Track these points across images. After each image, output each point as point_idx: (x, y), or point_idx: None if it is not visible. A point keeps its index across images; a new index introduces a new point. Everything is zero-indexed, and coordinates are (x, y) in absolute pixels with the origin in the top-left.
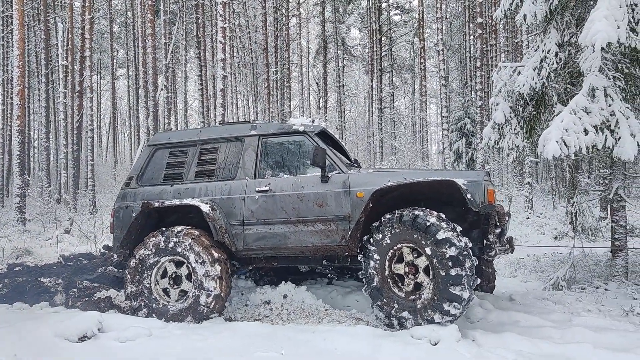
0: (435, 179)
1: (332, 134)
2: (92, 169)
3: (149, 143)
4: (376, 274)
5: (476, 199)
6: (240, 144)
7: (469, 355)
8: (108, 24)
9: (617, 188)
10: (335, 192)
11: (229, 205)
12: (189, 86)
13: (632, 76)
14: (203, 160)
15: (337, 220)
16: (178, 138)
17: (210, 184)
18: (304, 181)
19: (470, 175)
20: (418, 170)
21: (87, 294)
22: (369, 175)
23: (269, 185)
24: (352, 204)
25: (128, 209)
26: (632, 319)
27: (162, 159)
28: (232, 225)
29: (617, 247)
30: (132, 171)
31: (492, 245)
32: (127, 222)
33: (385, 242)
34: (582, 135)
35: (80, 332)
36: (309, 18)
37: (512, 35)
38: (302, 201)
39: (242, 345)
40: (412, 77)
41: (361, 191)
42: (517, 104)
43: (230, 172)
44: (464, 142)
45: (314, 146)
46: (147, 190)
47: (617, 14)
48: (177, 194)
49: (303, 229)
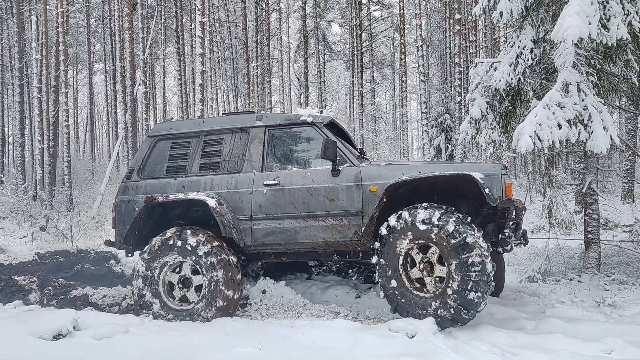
0: (452, 173)
1: (340, 124)
2: (68, 166)
3: (150, 134)
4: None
5: (494, 193)
6: (246, 136)
7: (445, 347)
8: (84, 17)
9: (590, 182)
10: (346, 186)
11: (236, 200)
12: (168, 81)
13: (605, 72)
14: (207, 152)
15: (349, 215)
16: (180, 129)
17: (215, 177)
18: (314, 175)
19: (487, 169)
20: (432, 164)
21: (62, 292)
22: (382, 169)
23: (277, 178)
24: (365, 198)
25: (130, 203)
26: (603, 309)
27: (164, 150)
28: (239, 220)
29: (590, 240)
30: (132, 163)
31: (507, 239)
32: (129, 217)
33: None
34: (556, 130)
35: (54, 330)
36: (290, 13)
37: (490, 31)
38: (312, 195)
39: (221, 341)
40: (393, 73)
41: (374, 185)
42: (493, 99)
43: (236, 165)
44: (444, 138)
45: (324, 139)
46: (149, 183)
47: (588, 10)
48: (182, 187)
49: (314, 224)
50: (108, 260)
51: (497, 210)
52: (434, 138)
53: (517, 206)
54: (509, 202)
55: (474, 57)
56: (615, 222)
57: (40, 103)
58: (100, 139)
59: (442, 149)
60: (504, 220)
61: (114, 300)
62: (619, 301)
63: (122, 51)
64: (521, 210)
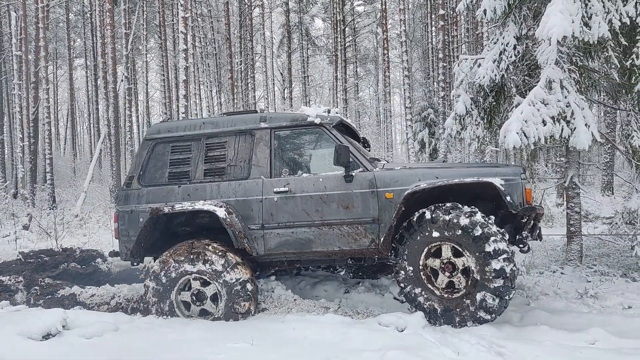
0: (473, 180)
1: (348, 122)
2: (50, 163)
3: (147, 137)
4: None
5: (515, 200)
6: (251, 138)
7: (434, 340)
8: (64, 12)
9: (573, 176)
10: (361, 193)
11: (246, 208)
12: (150, 77)
13: (586, 69)
14: (211, 156)
15: (365, 223)
16: (179, 131)
17: (222, 184)
18: (326, 181)
19: (507, 173)
20: (448, 167)
21: (49, 292)
22: (397, 174)
23: (288, 185)
24: (381, 205)
25: (133, 213)
26: (586, 300)
27: (164, 155)
28: (250, 230)
29: (572, 233)
30: (131, 170)
31: (524, 240)
32: (133, 227)
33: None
34: (541, 126)
35: (44, 330)
36: (273, 8)
37: (472, 26)
38: (326, 203)
39: (212, 337)
40: (376, 68)
41: (390, 192)
42: (477, 95)
43: (243, 171)
44: (427, 132)
45: (336, 145)
46: (151, 191)
47: (571, 8)
48: (187, 196)
49: (328, 232)
50: (94, 258)
51: (517, 215)
52: (418, 132)
53: (538, 212)
54: (531, 209)
55: (456, 53)
56: (595, 214)
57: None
58: (82, 136)
59: (425, 143)
60: (522, 222)
61: (103, 299)
62: (601, 292)
63: (104, 47)
64: (540, 215)
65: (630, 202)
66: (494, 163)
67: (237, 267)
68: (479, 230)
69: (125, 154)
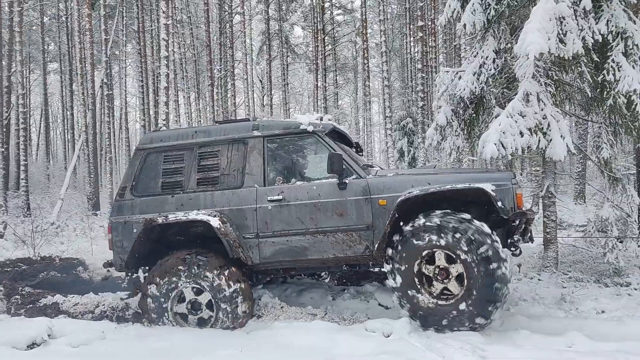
0: (464, 186)
1: (341, 128)
2: (25, 169)
3: (139, 147)
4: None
5: (506, 205)
6: (243, 147)
7: (419, 345)
8: (38, 15)
9: (549, 186)
10: (355, 200)
11: (241, 217)
12: (127, 82)
13: (561, 82)
14: (203, 166)
15: (359, 230)
16: (171, 140)
17: (216, 193)
18: (320, 188)
19: (497, 178)
20: (440, 173)
21: (31, 301)
22: (390, 181)
23: (282, 193)
24: (375, 212)
25: (127, 224)
26: (562, 306)
27: (157, 165)
28: (245, 239)
29: (549, 240)
30: (124, 180)
31: (516, 243)
32: (127, 238)
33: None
34: (518, 137)
35: (29, 339)
36: (252, 15)
37: (449, 37)
38: (320, 211)
39: (201, 344)
40: (355, 77)
41: (384, 199)
42: (458, 106)
43: (236, 179)
44: (406, 141)
45: (330, 153)
46: (144, 201)
47: (547, 26)
48: (180, 205)
49: (323, 239)
50: (75, 267)
51: (508, 220)
52: (397, 141)
53: (529, 217)
54: (522, 214)
55: (434, 63)
56: (568, 222)
57: None
58: (55, 142)
59: (404, 152)
60: (513, 225)
61: (87, 308)
62: (576, 298)
63: (82, 52)
64: (532, 220)
65: (602, 211)
66: (485, 168)
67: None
68: (473, 236)
69: (102, 160)
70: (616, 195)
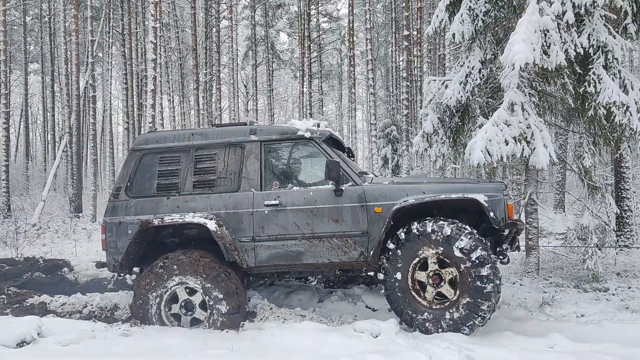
0: (458, 196)
1: (336, 135)
2: (6, 170)
3: (134, 148)
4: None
5: (497, 215)
6: (240, 151)
7: (407, 345)
8: (20, 15)
9: (531, 193)
10: (351, 207)
11: (237, 221)
12: (111, 85)
13: (545, 93)
14: (200, 168)
15: (354, 236)
16: (167, 142)
17: (212, 196)
18: (316, 194)
19: (489, 189)
20: (434, 182)
21: (17, 300)
22: (385, 189)
23: (279, 198)
24: (370, 219)
25: (121, 225)
26: (544, 309)
27: (152, 166)
28: (241, 242)
29: (530, 247)
30: (118, 181)
31: (505, 252)
32: (121, 239)
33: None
34: (503, 145)
35: (18, 338)
36: (239, 20)
37: (434, 47)
38: (316, 216)
39: (192, 344)
40: (340, 84)
41: (379, 206)
42: (444, 115)
43: (233, 183)
44: (390, 149)
45: (327, 160)
46: (139, 202)
47: (533, 37)
48: (176, 208)
49: (319, 244)
50: (60, 268)
51: (499, 230)
52: (381, 148)
53: (519, 228)
54: (512, 224)
55: (418, 72)
56: (548, 230)
57: None
58: (35, 143)
59: (389, 159)
60: (502, 234)
61: (75, 308)
62: (557, 302)
63: (67, 53)
64: (521, 230)
65: (582, 219)
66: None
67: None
68: (465, 243)
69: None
70: (595, 204)
